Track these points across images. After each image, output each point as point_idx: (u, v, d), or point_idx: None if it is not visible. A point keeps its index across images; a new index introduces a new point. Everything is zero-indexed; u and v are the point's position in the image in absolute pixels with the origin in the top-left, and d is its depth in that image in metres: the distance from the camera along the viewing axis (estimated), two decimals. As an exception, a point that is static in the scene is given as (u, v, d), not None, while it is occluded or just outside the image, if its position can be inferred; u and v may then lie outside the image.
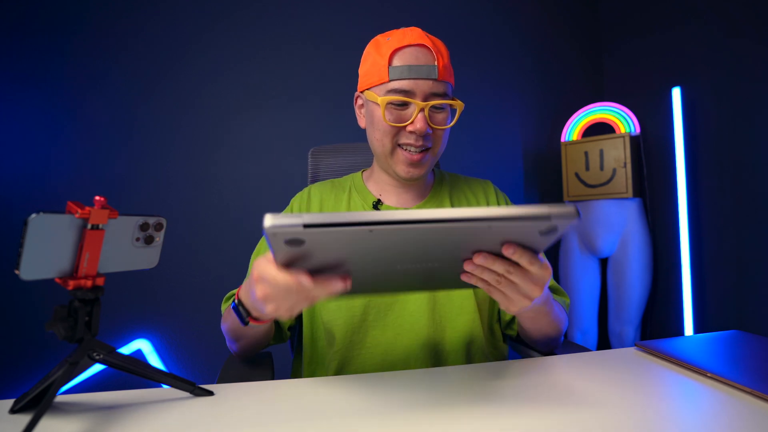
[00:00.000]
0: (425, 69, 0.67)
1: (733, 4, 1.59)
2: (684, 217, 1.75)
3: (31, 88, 1.68)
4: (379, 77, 0.69)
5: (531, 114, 2.15)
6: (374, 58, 0.71)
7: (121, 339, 1.72)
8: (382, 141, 0.72)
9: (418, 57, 0.68)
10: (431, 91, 0.68)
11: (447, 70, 0.69)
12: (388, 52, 0.68)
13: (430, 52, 0.68)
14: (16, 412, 0.43)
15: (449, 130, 0.74)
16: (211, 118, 1.83)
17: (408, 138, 0.70)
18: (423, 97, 0.68)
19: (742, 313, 1.59)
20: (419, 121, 0.67)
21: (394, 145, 0.71)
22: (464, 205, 0.80)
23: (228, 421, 0.42)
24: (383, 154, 0.73)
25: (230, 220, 1.82)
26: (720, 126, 1.66)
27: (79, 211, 0.40)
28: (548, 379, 0.53)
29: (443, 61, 0.69)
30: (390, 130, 0.70)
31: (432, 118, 0.70)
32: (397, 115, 0.69)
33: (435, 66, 0.67)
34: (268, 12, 1.88)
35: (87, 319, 0.43)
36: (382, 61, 0.69)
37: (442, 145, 0.73)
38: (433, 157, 0.73)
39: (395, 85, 0.68)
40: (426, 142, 0.70)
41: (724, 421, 0.40)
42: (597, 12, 2.25)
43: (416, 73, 0.67)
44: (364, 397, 0.48)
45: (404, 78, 0.67)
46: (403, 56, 0.68)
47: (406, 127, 0.69)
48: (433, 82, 0.67)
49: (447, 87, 0.70)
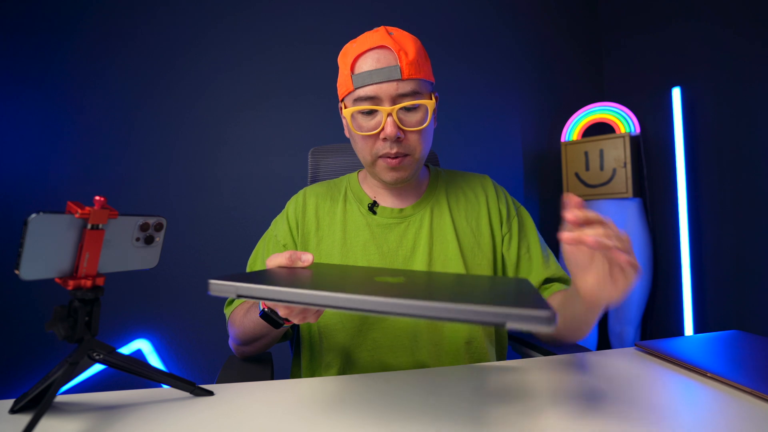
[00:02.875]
0: (386, 71, 0.65)
1: (733, 4, 1.59)
2: (684, 217, 1.75)
3: (31, 88, 1.68)
4: (346, 87, 0.68)
5: (531, 114, 2.15)
6: (341, 68, 0.70)
7: (121, 339, 1.72)
8: (362, 154, 0.71)
9: (379, 59, 0.65)
10: (397, 92, 0.65)
11: (413, 67, 0.66)
12: (350, 60, 0.67)
13: (391, 53, 0.66)
14: (16, 412, 0.43)
15: (431, 128, 0.71)
16: (211, 118, 1.83)
17: (384, 147, 0.68)
18: (390, 100, 0.65)
19: (742, 313, 1.58)
20: (389, 126, 0.65)
21: (374, 157, 0.70)
22: (461, 204, 0.79)
23: (228, 421, 0.42)
24: (366, 165, 0.73)
25: (230, 220, 1.82)
26: (720, 126, 1.65)
27: (79, 211, 0.40)
28: (548, 378, 0.53)
29: (408, 59, 0.65)
30: (365, 142, 0.69)
31: (404, 121, 0.67)
32: (367, 125, 0.68)
33: (397, 66, 0.65)
34: (268, 12, 1.88)
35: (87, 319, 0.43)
36: (346, 70, 0.68)
37: (423, 146, 0.70)
38: (414, 160, 0.70)
39: (360, 93, 0.66)
40: (401, 148, 0.67)
41: (724, 421, 0.40)
42: (597, 12, 2.25)
43: (378, 77, 0.65)
44: (364, 397, 0.48)
45: (366, 84, 0.65)
46: (364, 62, 0.66)
47: (378, 135, 0.67)
48: (398, 83, 0.65)
49: (417, 85, 0.66)
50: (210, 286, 0.39)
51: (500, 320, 0.31)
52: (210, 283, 0.39)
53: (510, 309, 0.31)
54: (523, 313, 0.31)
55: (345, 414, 0.43)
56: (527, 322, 0.31)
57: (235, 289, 0.38)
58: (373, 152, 0.69)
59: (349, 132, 0.73)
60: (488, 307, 0.32)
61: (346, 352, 0.71)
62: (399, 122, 0.66)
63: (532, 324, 0.31)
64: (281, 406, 0.46)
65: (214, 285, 0.39)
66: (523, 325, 0.31)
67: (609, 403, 0.44)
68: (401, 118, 0.67)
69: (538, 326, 0.31)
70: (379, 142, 0.68)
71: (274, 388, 0.51)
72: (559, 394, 0.48)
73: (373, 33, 0.68)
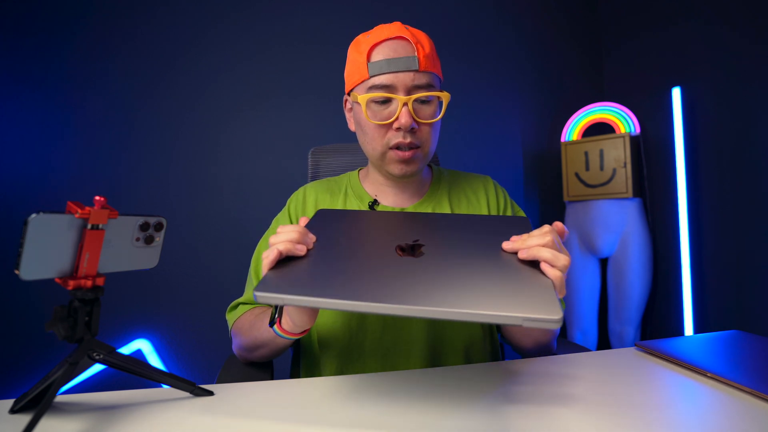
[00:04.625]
0: (404, 61, 0.64)
1: (733, 4, 1.59)
2: (684, 217, 1.75)
3: (31, 88, 1.68)
4: (360, 75, 0.67)
5: (531, 114, 2.15)
6: (354, 56, 0.69)
7: (121, 339, 1.72)
8: (372, 144, 0.70)
9: (397, 50, 0.65)
10: (413, 83, 0.65)
11: (430, 60, 0.66)
12: (366, 48, 0.66)
13: (409, 44, 0.66)
14: (16, 412, 0.43)
15: (439, 124, 0.71)
16: (211, 118, 1.83)
17: (396, 137, 0.67)
18: (405, 90, 0.65)
19: (742, 313, 1.58)
20: (404, 116, 0.64)
21: (385, 147, 0.69)
22: (463, 205, 0.79)
23: (228, 421, 0.42)
24: (374, 157, 0.71)
25: (230, 220, 1.82)
26: (720, 126, 1.65)
27: (79, 211, 0.40)
28: (548, 378, 0.53)
29: (424, 52, 0.66)
30: (377, 131, 0.68)
31: (418, 112, 0.67)
32: (381, 114, 0.67)
33: (415, 57, 0.65)
34: (268, 12, 1.88)
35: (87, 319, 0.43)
36: (360, 58, 0.67)
37: (432, 140, 0.70)
38: (424, 154, 0.70)
39: (375, 81, 0.66)
40: (414, 139, 0.67)
41: (724, 421, 0.40)
42: (597, 12, 2.25)
43: (395, 66, 0.64)
44: (364, 397, 0.48)
45: (383, 72, 0.65)
46: (382, 51, 0.66)
47: (392, 125, 0.66)
48: (414, 74, 0.65)
49: (431, 78, 0.67)
50: (256, 297, 0.40)
51: (517, 323, 0.36)
52: (256, 296, 0.40)
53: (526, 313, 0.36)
54: (537, 317, 0.36)
55: (345, 414, 0.43)
56: (539, 324, 0.36)
57: (282, 300, 0.40)
58: (384, 142, 0.68)
59: (359, 123, 0.71)
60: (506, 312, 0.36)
61: (344, 355, 0.70)
62: (413, 113, 0.66)
63: (542, 324, 0.36)
64: (281, 406, 0.46)
65: (261, 297, 0.41)
66: (534, 325, 0.36)
67: (609, 403, 0.44)
68: (415, 110, 0.66)
69: (547, 326, 0.36)
70: (392, 132, 0.67)
71: (274, 388, 0.51)
72: (559, 394, 0.48)
73: (390, 25, 0.68)
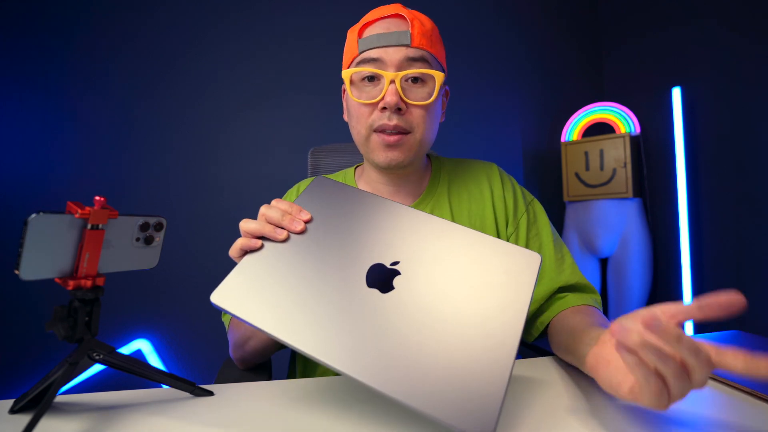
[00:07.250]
0: (395, 35, 0.60)
1: (733, 4, 1.59)
2: (684, 217, 1.75)
3: (31, 88, 1.68)
4: (351, 53, 0.64)
5: (531, 114, 2.15)
6: (349, 37, 0.66)
7: (121, 339, 1.72)
8: (357, 128, 0.64)
9: (389, 26, 0.61)
10: (405, 57, 0.60)
11: (426, 39, 0.61)
12: (359, 27, 0.64)
13: (404, 21, 0.62)
14: (16, 412, 0.43)
15: (438, 111, 0.66)
16: (211, 118, 1.83)
17: (381, 118, 0.61)
18: (395, 67, 0.60)
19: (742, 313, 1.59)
20: (389, 94, 0.59)
21: (369, 130, 0.63)
22: (464, 202, 0.73)
23: (228, 421, 0.42)
24: (360, 142, 0.66)
25: (230, 220, 1.81)
26: (720, 126, 1.65)
27: (79, 211, 0.40)
28: (548, 379, 0.52)
29: (422, 29, 0.61)
30: (362, 112, 0.63)
31: (407, 92, 0.61)
32: (367, 92, 0.62)
33: (408, 32, 0.60)
34: (267, 12, 1.88)
35: (87, 319, 0.43)
36: (353, 36, 0.64)
37: (427, 126, 0.63)
38: (415, 141, 0.63)
39: (364, 56, 0.61)
40: (401, 122, 0.61)
41: (724, 421, 0.40)
42: (597, 12, 2.25)
43: (386, 41, 0.60)
44: (364, 397, 0.47)
45: (373, 47, 0.61)
46: (375, 27, 0.62)
47: (378, 104, 0.61)
48: (406, 49, 0.60)
49: (425, 56, 0.61)
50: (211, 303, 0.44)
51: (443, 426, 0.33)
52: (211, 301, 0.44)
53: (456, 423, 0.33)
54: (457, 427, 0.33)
55: (345, 414, 0.43)
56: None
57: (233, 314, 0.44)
58: (368, 124, 0.62)
59: (347, 104, 0.67)
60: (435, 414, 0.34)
61: None
62: (402, 92, 0.60)
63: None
64: (281, 406, 0.46)
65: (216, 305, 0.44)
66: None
67: (609, 403, 0.44)
68: (405, 89, 0.61)
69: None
70: (377, 113, 0.61)
71: (274, 388, 0.51)
72: (559, 394, 0.48)
73: (389, 6, 0.65)
